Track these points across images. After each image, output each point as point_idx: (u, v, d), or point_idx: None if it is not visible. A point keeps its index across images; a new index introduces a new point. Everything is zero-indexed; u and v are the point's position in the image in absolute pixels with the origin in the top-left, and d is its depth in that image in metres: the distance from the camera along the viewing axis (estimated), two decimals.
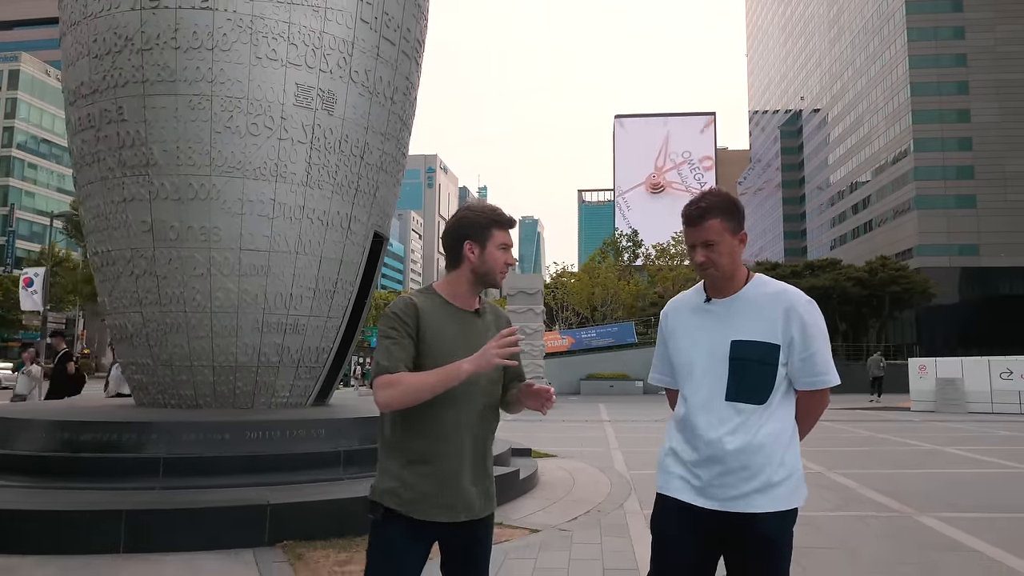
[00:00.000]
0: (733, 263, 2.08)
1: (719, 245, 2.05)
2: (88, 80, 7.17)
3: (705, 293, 2.16)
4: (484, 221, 2.17)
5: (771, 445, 2.01)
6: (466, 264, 2.17)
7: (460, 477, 2.10)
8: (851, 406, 22.48)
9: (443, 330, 2.11)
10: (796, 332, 2.03)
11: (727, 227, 2.07)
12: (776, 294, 2.08)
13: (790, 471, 2.03)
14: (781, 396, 2.06)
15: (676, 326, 2.21)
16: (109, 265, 7.36)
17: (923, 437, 12.87)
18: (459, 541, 2.15)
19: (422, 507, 2.07)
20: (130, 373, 7.68)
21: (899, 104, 66.05)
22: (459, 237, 2.18)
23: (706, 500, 2.03)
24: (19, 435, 6.04)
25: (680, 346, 2.17)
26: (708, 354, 2.08)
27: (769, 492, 1.99)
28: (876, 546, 5.17)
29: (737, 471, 2.00)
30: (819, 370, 2.06)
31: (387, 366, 2.03)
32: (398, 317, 2.09)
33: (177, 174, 6.93)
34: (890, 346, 46.75)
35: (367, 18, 7.63)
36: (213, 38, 6.89)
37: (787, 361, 2.05)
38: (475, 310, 2.22)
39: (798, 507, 2.05)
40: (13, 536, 4.73)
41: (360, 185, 7.81)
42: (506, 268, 2.22)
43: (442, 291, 2.19)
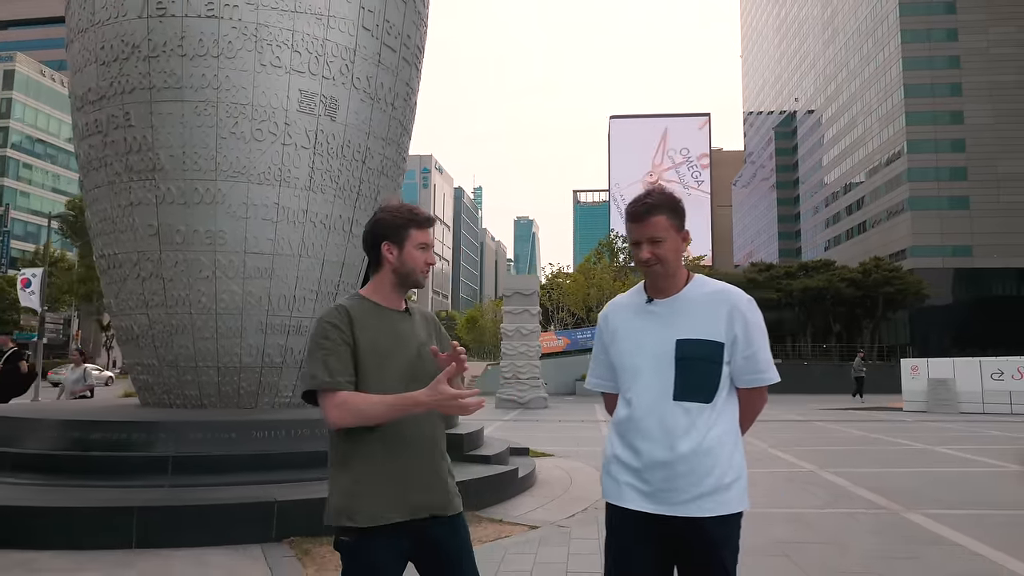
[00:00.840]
0: (677, 260, 2.09)
1: (665, 242, 2.05)
2: (95, 86, 7.30)
3: (646, 294, 2.14)
4: (400, 221, 2.14)
5: (720, 448, 2.01)
6: (386, 266, 2.16)
7: (414, 477, 2.05)
8: (845, 406, 22.73)
9: (377, 331, 2.09)
10: (739, 330, 2.04)
11: (673, 224, 2.07)
12: (717, 293, 2.09)
13: (738, 473, 2.03)
14: (726, 395, 2.07)
15: (617, 328, 2.16)
16: (116, 268, 7.50)
17: (914, 437, 13.08)
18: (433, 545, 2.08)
19: (379, 513, 2.00)
20: (136, 374, 7.82)
21: (893, 106, 66.42)
22: (377, 238, 2.16)
23: (656, 505, 2.00)
24: (30, 434, 6.18)
25: (623, 348, 2.12)
26: (653, 355, 2.05)
27: (719, 495, 1.98)
28: (864, 541, 5.35)
29: (687, 474, 1.98)
30: (760, 367, 2.07)
31: (326, 381, 1.97)
32: (332, 325, 2.05)
33: (183, 179, 7.08)
34: (883, 347, 47.09)
35: (369, 26, 7.79)
36: (219, 46, 7.03)
37: (730, 359, 2.05)
38: (404, 309, 2.21)
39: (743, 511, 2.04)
40: (28, 531, 4.88)
41: (362, 189, 7.97)
42: (427, 267, 2.18)
43: (369, 295, 2.17)
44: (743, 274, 50.77)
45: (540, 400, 22.90)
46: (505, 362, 23.73)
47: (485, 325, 69.04)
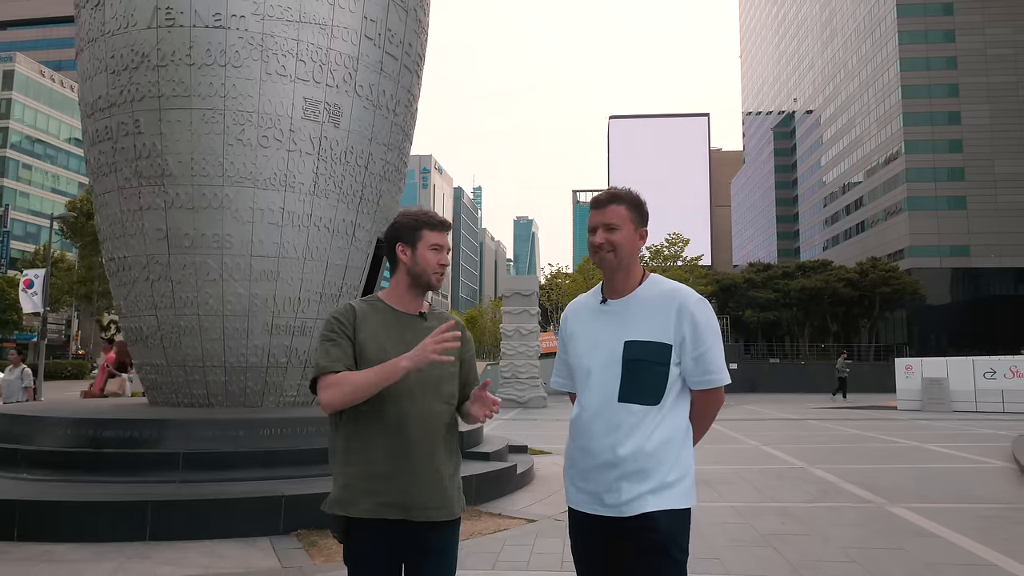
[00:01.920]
0: (630, 253, 2.07)
1: (620, 230, 2.05)
2: (106, 94, 7.52)
3: (602, 294, 2.14)
4: (414, 223, 2.21)
5: (665, 447, 1.99)
6: (401, 267, 2.21)
7: (411, 477, 2.08)
8: (840, 404, 22.97)
9: (380, 332, 2.14)
10: (687, 331, 2.01)
11: (631, 216, 2.07)
12: (667, 293, 2.06)
13: (684, 471, 2.02)
14: (675, 397, 2.04)
15: (575, 329, 2.17)
16: (125, 271, 7.72)
17: (906, 435, 13.31)
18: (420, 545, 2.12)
19: (377, 508, 2.06)
20: (144, 373, 8.04)
21: (890, 106, 66.68)
22: (392, 241, 2.23)
23: (602, 508, 2.00)
24: (46, 432, 6.39)
25: (579, 350, 2.13)
26: (603, 356, 2.04)
27: (662, 493, 1.97)
28: (847, 532, 5.58)
29: (632, 475, 1.97)
30: (711, 368, 2.03)
31: (325, 365, 2.06)
32: (336, 320, 2.14)
33: (191, 184, 7.30)
34: (881, 346, 47.30)
35: (371, 35, 8.01)
36: (226, 55, 7.25)
37: (679, 360, 2.03)
38: (419, 314, 2.23)
39: (690, 507, 2.03)
40: (47, 524, 5.11)
41: (364, 194, 8.19)
42: (440, 268, 2.21)
43: (385, 297, 2.24)
44: (741, 274, 51.01)
45: (539, 399, 23.13)
46: (504, 362, 23.96)
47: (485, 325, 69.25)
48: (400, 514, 2.05)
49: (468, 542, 5.21)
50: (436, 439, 2.14)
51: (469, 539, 5.30)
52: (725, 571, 4.54)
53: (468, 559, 4.76)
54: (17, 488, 5.62)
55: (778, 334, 48.57)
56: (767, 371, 34.70)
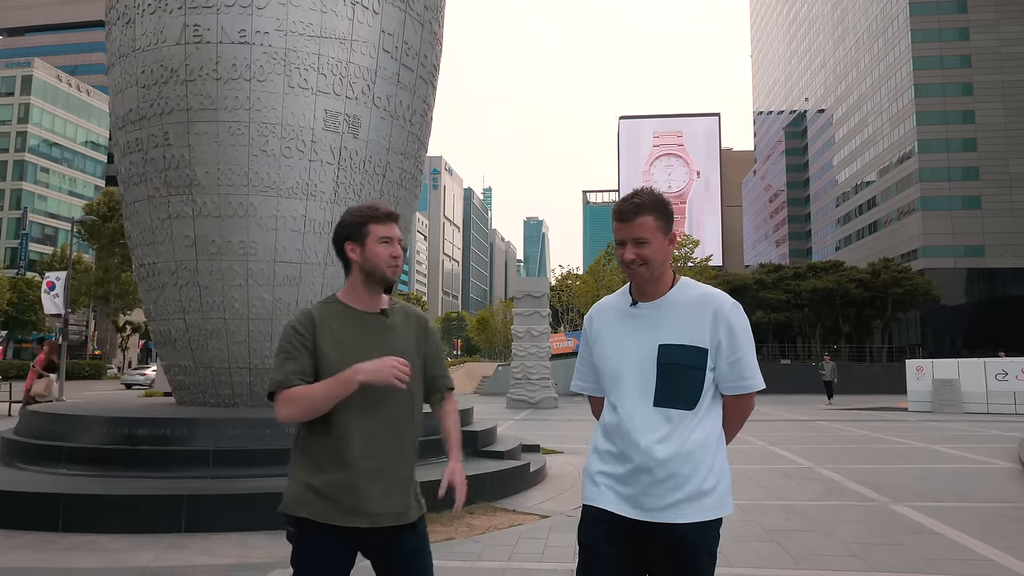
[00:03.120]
0: (663, 263, 2.04)
1: (651, 243, 2.01)
2: (136, 107, 7.85)
3: (631, 297, 2.11)
4: (359, 219, 2.16)
5: (701, 452, 1.98)
6: (354, 265, 2.17)
7: (374, 481, 2.05)
8: (851, 406, 23.05)
9: (338, 333, 2.10)
10: (724, 336, 2.01)
11: (660, 225, 2.02)
12: (702, 297, 2.04)
13: (719, 478, 2.01)
14: (709, 401, 2.04)
15: (601, 331, 2.14)
16: (155, 276, 8.05)
17: (915, 436, 13.45)
18: (385, 548, 2.09)
19: (334, 513, 2.02)
20: (173, 375, 8.37)
21: (903, 105, 66.39)
22: (340, 240, 2.18)
23: (635, 511, 1.98)
24: (84, 430, 6.73)
25: (606, 352, 2.10)
26: (636, 359, 2.02)
27: (698, 501, 1.96)
28: (850, 529, 5.80)
29: (667, 480, 1.96)
30: (746, 374, 2.04)
31: (280, 380, 2.04)
32: (294, 330, 2.10)
33: (218, 193, 7.61)
34: (894, 347, 47.17)
35: (388, 48, 8.29)
36: (251, 69, 7.56)
37: (714, 365, 2.02)
38: (380, 311, 2.19)
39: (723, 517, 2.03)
40: (90, 516, 5.43)
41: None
42: (393, 261, 2.15)
43: (343, 297, 2.19)
44: (752, 275, 50.98)
45: (550, 400, 23.38)
46: (516, 363, 24.23)
47: (496, 326, 69.52)
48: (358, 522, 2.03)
49: (484, 536, 5.48)
50: (403, 443, 2.14)
51: (485, 533, 5.56)
52: (728, 564, 4.77)
53: (485, 552, 5.02)
54: (60, 483, 5.95)
55: (789, 335, 48.52)
56: (778, 372, 34.70)
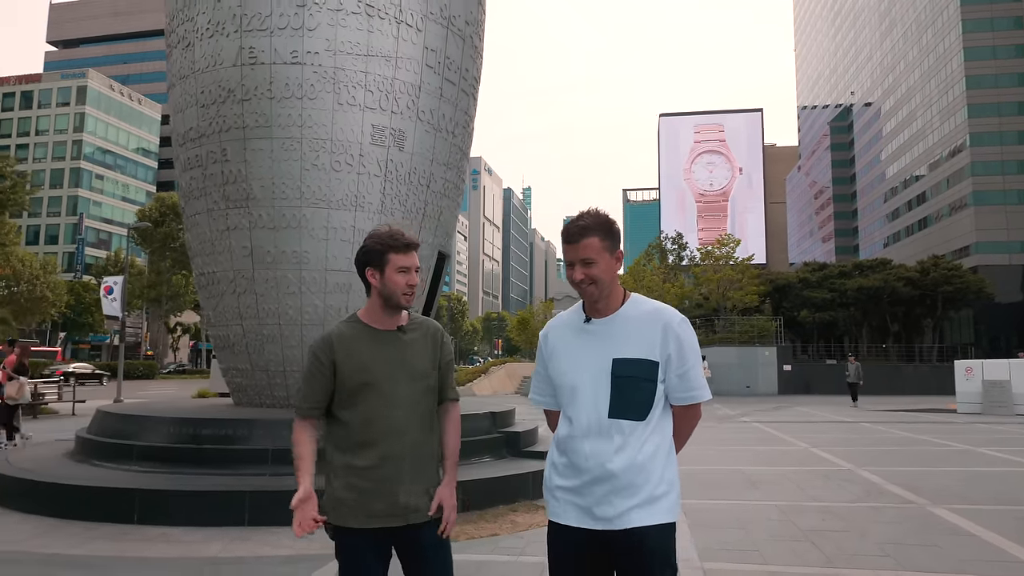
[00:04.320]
0: (611, 281, 2.13)
1: (597, 263, 2.10)
2: (196, 126, 8.35)
3: (584, 314, 2.19)
4: (381, 248, 2.30)
5: (651, 462, 2.08)
6: (373, 289, 2.33)
7: (396, 483, 2.23)
8: (897, 407, 22.64)
9: (360, 354, 2.28)
10: (673, 349, 2.10)
11: (605, 245, 2.11)
12: (653, 312, 2.14)
13: (669, 487, 2.10)
14: (660, 412, 2.14)
15: (557, 346, 2.22)
16: (214, 284, 8.54)
17: (960, 439, 13.25)
18: (410, 545, 2.28)
19: (361, 517, 2.23)
20: (231, 377, 8.86)
21: (955, 97, 64.44)
22: (361, 266, 2.35)
23: (593, 521, 2.07)
24: (153, 430, 7.23)
25: (562, 367, 2.18)
26: (591, 374, 2.11)
27: (650, 507, 2.05)
28: (885, 530, 5.90)
29: (621, 490, 2.04)
30: (694, 385, 2.15)
31: (300, 408, 2.32)
32: (314, 355, 2.32)
33: (272, 206, 8.06)
34: (944, 347, 45.87)
35: (431, 63, 8.64)
36: (302, 88, 7.98)
37: (664, 377, 2.12)
38: (397, 328, 2.35)
39: (675, 522, 2.12)
40: (162, 510, 5.88)
41: (427, 211, 8.83)
42: (409, 289, 2.30)
43: (363, 317, 2.37)
44: (796, 274, 50.12)
45: None
46: None
47: (536, 327, 69.78)
48: (385, 522, 2.23)
49: (527, 532, 5.75)
50: (421, 450, 2.30)
51: (528, 530, 5.83)
52: (764, 562, 4.96)
53: (528, 547, 5.29)
54: (133, 479, 6.44)
55: (835, 334, 47.57)
56: (822, 372, 34.14)
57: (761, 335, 35.11)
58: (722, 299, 40.84)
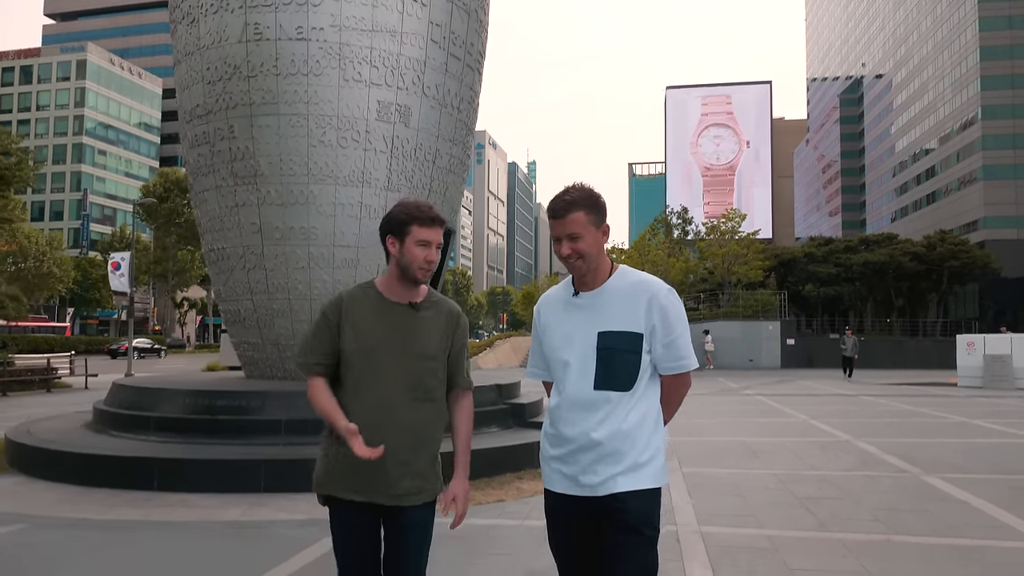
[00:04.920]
0: (597, 255, 2.15)
1: (583, 238, 2.11)
2: (203, 103, 8.44)
3: (573, 287, 2.22)
4: (404, 218, 2.25)
5: (637, 431, 2.11)
6: (392, 259, 2.27)
7: (385, 464, 2.16)
8: (899, 381, 22.80)
9: (365, 321, 2.25)
10: (658, 320, 2.12)
11: (591, 219, 2.13)
12: (638, 284, 2.17)
13: (654, 453, 2.14)
14: (647, 382, 2.16)
15: (549, 322, 2.26)
16: (224, 260, 8.70)
17: (959, 411, 13.42)
18: (393, 523, 2.26)
19: (342, 489, 2.22)
20: (242, 351, 9.06)
21: (967, 69, 63.58)
22: (383, 233, 2.30)
23: (579, 488, 2.12)
24: (169, 402, 7.45)
25: (554, 342, 2.22)
26: (579, 347, 2.14)
27: (634, 473, 2.09)
28: (878, 497, 6.09)
29: (605, 457, 2.09)
30: (681, 354, 2.17)
31: (305, 363, 2.27)
32: (323, 312, 2.31)
33: (280, 183, 8.17)
34: (948, 321, 45.89)
35: (436, 39, 8.67)
36: (308, 64, 8.05)
37: (650, 348, 2.14)
38: (410, 303, 2.29)
39: (660, 487, 2.15)
40: (180, 478, 6.10)
41: (432, 187, 8.93)
42: (427, 264, 2.24)
43: (379, 284, 2.32)
44: (801, 249, 50.02)
45: None
46: None
47: None
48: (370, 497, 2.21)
49: (532, 499, 5.95)
50: (412, 434, 2.23)
51: (532, 496, 6.03)
52: (759, 526, 5.15)
53: (533, 512, 5.49)
54: (151, 448, 6.67)
55: (840, 309, 47.62)
56: (825, 346, 34.25)
57: (765, 309, 35.20)
58: (727, 273, 40.85)
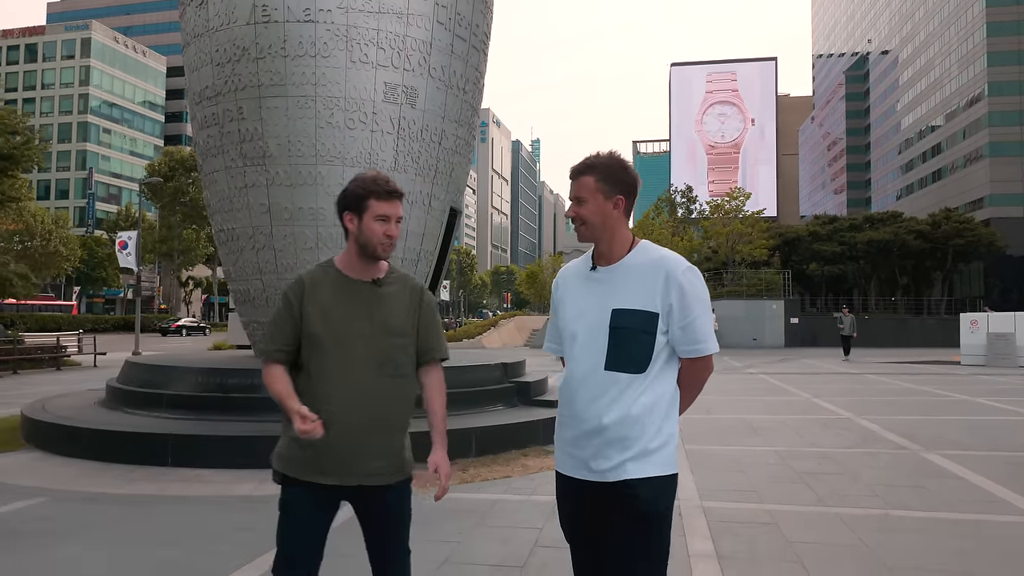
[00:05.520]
0: (603, 224, 2.06)
1: (588, 203, 2.05)
2: (212, 84, 8.48)
3: (592, 261, 2.13)
4: (361, 192, 2.18)
5: (647, 416, 2.01)
6: (350, 235, 2.22)
7: (349, 440, 2.12)
8: (902, 359, 22.92)
9: (328, 300, 2.19)
10: (675, 299, 2.01)
11: (600, 187, 2.04)
12: (657, 261, 2.05)
13: (666, 439, 2.04)
14: (662, 364, 2.05)
15: (565, 295, 2.17)
16: (233, 240, 8.79)
17: (961, 389, 13.54)
18: (367, 506, 2.22)
19: (305, 471, 2.14)
20: (251, 330, 9.19)
21: (974, 45, 62.91)
22: (341, 209, 2.23)
23: (589, 473, 2.04)
24: (182, 380, 7.60)
25: (567, 316, 2.14)
26: (591, 323, 2.05)
27: (644, 459, 2.00)
28: (876, 473, 6.22)
29: (616, 442, 2.00)
30: (699, 338, 2.04)
31: (265, 351, 2.22)
32: (285, 296, 2.24)
33: (289, 164, 8.24)
34: (953, 299, 45.89)
35: (442, 20, 8.67)
36: (315, 46, 8.07)
37: (667, 329, 2.03)
38: (373, 280, 2.24)
39: (676, 473, 2.07)
40: (194, 453, 6.27)
41: (439, 167, 8.99)
42: (387, 240, 2.19)
43: (338, 263, 2.26)
44: (806, 227, 49.94)
45: None
46: None
47: (545, 280, 70.12)
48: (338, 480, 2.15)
49: (538, 475, 6.10)
50: (384, 413, 2.19)
51: (538, 472, 6.18)
52: (760, 501, 5.29)
53: (539, 488, 5.64)
54: (165, 424, 6.83)
55: (844, 287, 47.65)
56: (829, 325, 34.22)
57: (769, 288, 35.28)
58: (731, 252, 40.87)
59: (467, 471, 6.15)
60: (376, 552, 2.26)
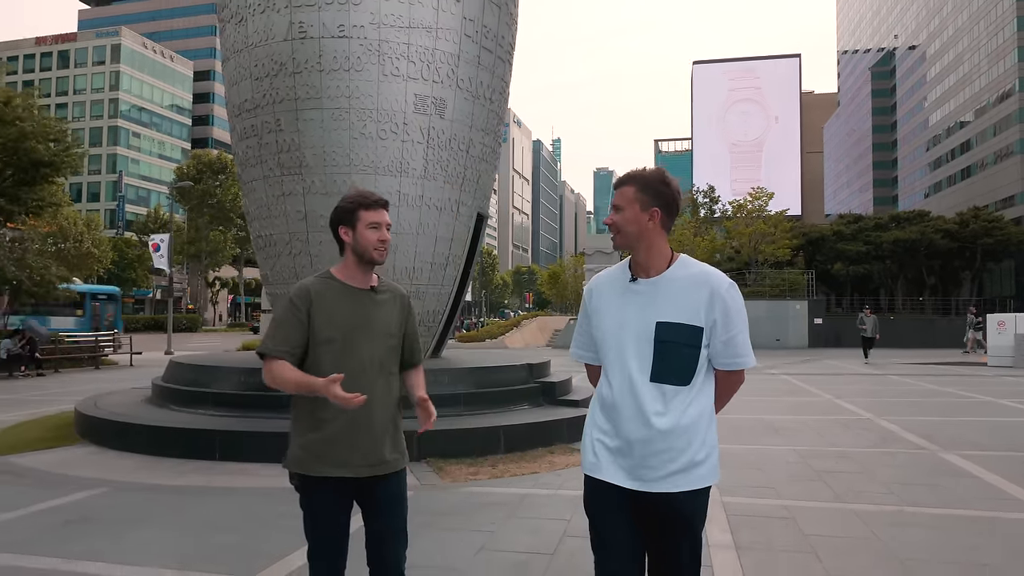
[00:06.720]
0: (638, 235, 2.12)
1: (624, 211, 2.11)
2: (251, 98, 8.89)
3: (630, 272, 2.18)
4: (351, 206, 2.42)
5: (694, 427, 2.08)
6: (347, 247, 2.44)
7: (365, 434, 2.37)
8: (928, 360, 22.77)
9: (336, 308, 2.39)
10: (719, 315, 2.08)
11: (639, 197, 2.11)
12: (700, 276, 2.12)
13: (710, 450, 2.12)
14: (703, 377, 2.13)
15: (600, 305, 2.21)
16: (271, 246, 9.20)
17: (985, 391, 13.55)
18: (372, 495, 2.43)
19: (325, 466, 2.35)
20: None
21: (1004, 39, 61.85)
22: (335, 225, 2.46)
23: (634, 482, 2.08)
24: (226, 379, 8.01)
25: (605, 325, 2.18)
26: (634, 335, 2.10)
27: (691, 472, 2.07)
28: (893, 472, 6.42)
29: (662, 452, 2.06)
30: (739, 351, 2.12)
31: (267, 348, 2.36)
32: (292, 302, 2.39)
33: (324, 173, 8.62)
34: (983, 299, 45.23)
35: (470, 33, 9.00)
36: (349, 61, 8.44)
37: (709, 343, 2.10)
38: (370, 287, 2.47)
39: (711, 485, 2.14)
40: (240, 449, 6.65)
41: (466, 175, 9.32)
42: (380, 245, 2.42)
43: (337, 274, 2.46)
44: (830, 226, 49.49)
45: None
46: None
47: (566, 280, 70.30)
48: (355, 472, 2.38)
49: (564, 471, 6.39)
50: (382, 409, 2.44)
51: (565, 469, 6.47)
52: (777, 497, 5.53)
53: (566, 483, 5.93)
54: (211, 421, 7.24)
55: (870, 288, 47.18)
56: (853, 326, 34.01)
57: (792, 288, 35.11)
58: (754, 252, 40.71)
59: (496, 467, 6.47)
60: (377, 535, 2.47)
